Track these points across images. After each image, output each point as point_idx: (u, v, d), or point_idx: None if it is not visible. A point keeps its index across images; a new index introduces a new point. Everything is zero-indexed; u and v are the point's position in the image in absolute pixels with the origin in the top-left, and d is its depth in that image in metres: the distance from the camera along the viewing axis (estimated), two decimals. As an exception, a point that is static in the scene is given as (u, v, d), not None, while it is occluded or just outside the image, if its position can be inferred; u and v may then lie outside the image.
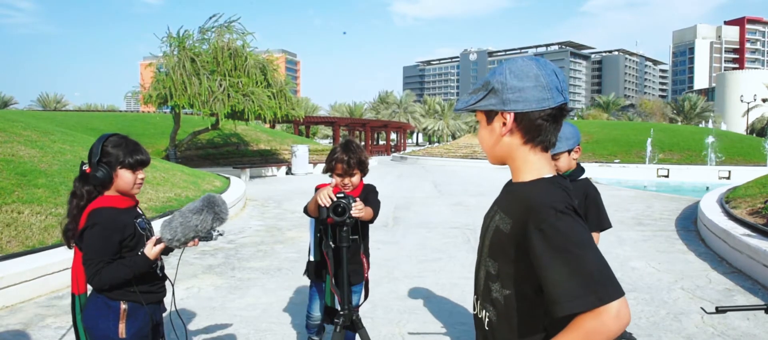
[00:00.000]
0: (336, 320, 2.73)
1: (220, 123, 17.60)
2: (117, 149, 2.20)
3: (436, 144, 64.94)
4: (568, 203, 1.23)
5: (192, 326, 4.20)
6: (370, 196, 3.06)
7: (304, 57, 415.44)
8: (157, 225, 2.34)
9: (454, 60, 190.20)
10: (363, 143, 47.39)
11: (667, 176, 22.51)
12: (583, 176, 2.96)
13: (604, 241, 2.87)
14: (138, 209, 2.36)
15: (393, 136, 57.09)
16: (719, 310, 3.05)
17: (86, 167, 2.23)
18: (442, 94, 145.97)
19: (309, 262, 3.16)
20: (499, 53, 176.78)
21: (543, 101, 1.27)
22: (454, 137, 69.87)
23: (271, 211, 10.63)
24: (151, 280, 2.31)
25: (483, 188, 15.65)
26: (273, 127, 31.06)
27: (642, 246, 7.33)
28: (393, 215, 10.23)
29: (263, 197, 12.98)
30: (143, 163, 2.28)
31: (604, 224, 2.93)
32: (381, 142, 54.49)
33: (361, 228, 2.92)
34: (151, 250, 2.16)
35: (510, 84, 1.28)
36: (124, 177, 2.22)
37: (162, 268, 2.40)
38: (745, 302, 4.78)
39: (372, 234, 3.26)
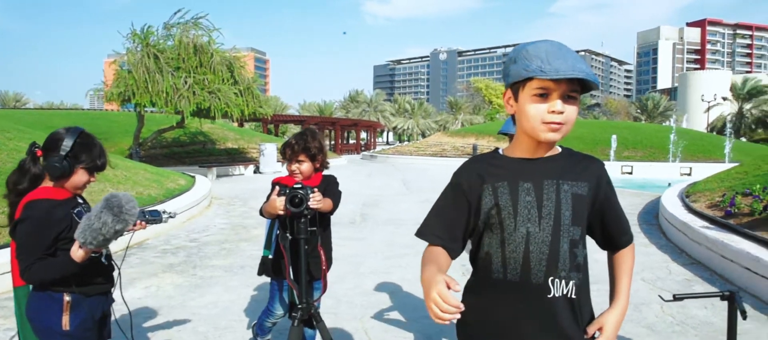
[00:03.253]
0: (293, 315, 2.66)
1: (186, 121, 17.27)
2: (86, 148, 2.15)
3: (406, 143, 65.12)
4: None
5: (149, 325, 4.08)
6: (330, 187, 2.99)
7: (274, 56, 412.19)
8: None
9: (424, 59, 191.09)
10: (333, 142, 47.22)
11: (631, 173, 22.97)
12: None
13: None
14: (78, 199, 2.25)
15: (363, 134, 57.04)
16: (677, 297, 3.09)
17: (37, 150, 2.14)
18: (412, 94, 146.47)
19: (264, 259, 3.05)
20: (468, 53, 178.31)
21: None
22: (424, 136, 70.15)
23: (237, 209, 10.47)
24: (95, 270, 2.21)
25: (451, 185, 15.69)
26: (241, 125, 30.69)
27: (605, 240, 7.43)
28: (361, 212, 10.17)
29: (230, 195, 12.78)
30: (103, 169, 2.23)
31: None
32: (351, 141, 54.40)
33: (321, 220, 2.86)
34: (75, 252, 1.99)
35: None
36: (81, 177, 2.16)
37: (108, 257, 2.30)
38: (704, 291, 4.86)
39: (339, 230, 3.21)
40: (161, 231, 7.78)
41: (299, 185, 2.60)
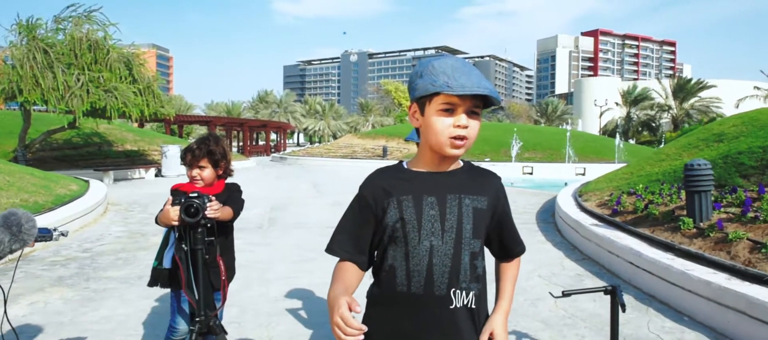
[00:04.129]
0: (191, 328, 2.56)
1: (79, 121, 16.15)
2: None
3: (317, 144, 64.74)
4: None
5: (33, 345, 3.77)
6: (232, 195, 2.91)
7: (178, 53, 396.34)
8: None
9: (335, 61, 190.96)
10: (241, 143, 45.98)
11: (531, 173, 24.19)
12: None
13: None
14: None
15: (273, 136, 56.11)
16: (565, 294, 3.28)
17: None
18: (323, 95, 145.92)
19: (158, 270, 2.89)
20: (379, 55, 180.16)
21: None
22: (334, 137, 70.06)
23: (136, 216, 9.93)
24: None
25: (361, 187, 15.78)
26: (141, 126, 29.16)
27: (506, 239, 7.76)
28: (269, 215, 9.98)
29: (128, 201, 12.11)
30: None
31: None
32: (260, 143, 53.31)
33: (222, 228, 2.76)
34: None
35: None
36: None
37: None
38: (593, 285, 5.20)
39: (246, 236, 3.14)
40: (50, 241, 7.22)
41: (195, 194, 2.50)
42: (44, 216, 7.76)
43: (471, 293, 1.48)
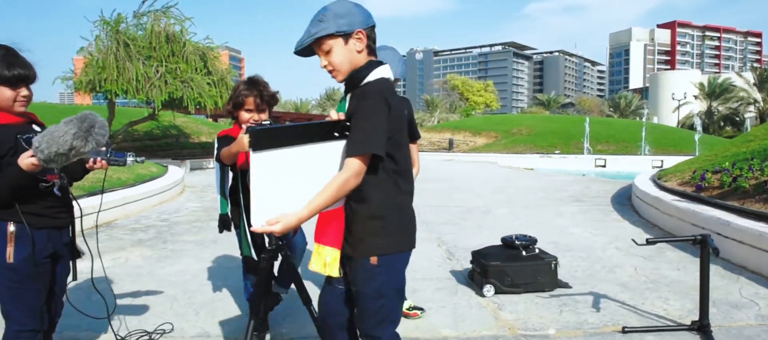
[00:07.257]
0: (263, 256, 2.56)
1: (158, 113, 16.93)
2: None
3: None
4: None
5: (116, 289, 3.94)
6: None
7: (249, 55, 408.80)
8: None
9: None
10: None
11: (604, 166, 23.24)
12: None
13: (542, 215, 2.83)
14: (34, 126, 2.13)
15: (340, 132, 56.61)
16: (650, 242, 3.10)
17: None
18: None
19: (223, 217, 2.94)
20: (444, 53, 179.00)
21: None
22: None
23: (210, 195, 10.29)
24: (46, 201, 2.08)
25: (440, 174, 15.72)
26: (216, 120, 30.31)
27: (579, 217, 7.48)
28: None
29: (203, 184, 12.57)
30: (23, 79, 2.03)
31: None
32: (327, 139, 54.14)
33: None
34: (23, 160, 1.87)
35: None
36: (3, 93, 1.99)
37: (63, 189, 2.17)
38: (675, 257, 4.90)
39: None
40: (131, 212, 7.61)
41: (268, 122, 2.52)
42: (126, 191, 8.17)
43: None
